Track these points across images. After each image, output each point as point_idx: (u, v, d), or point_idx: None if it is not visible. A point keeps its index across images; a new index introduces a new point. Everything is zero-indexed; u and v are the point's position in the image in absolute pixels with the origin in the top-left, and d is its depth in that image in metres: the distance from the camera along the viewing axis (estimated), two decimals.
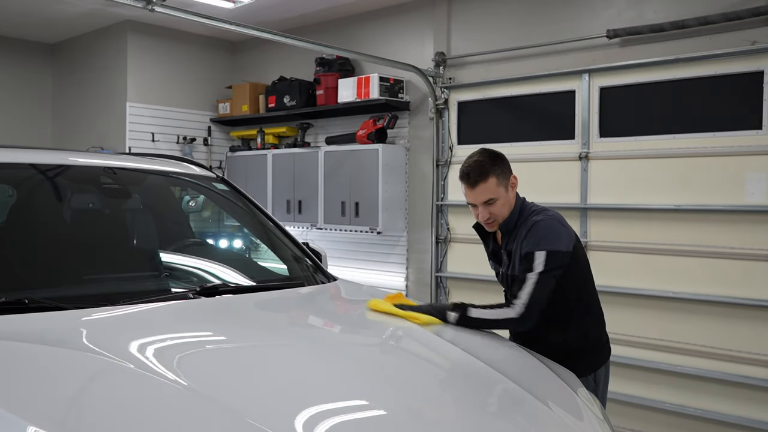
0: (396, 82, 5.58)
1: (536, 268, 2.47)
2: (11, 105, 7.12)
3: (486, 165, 2.57)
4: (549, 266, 2.47)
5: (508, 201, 2.63)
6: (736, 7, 4.02)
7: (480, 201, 2.60)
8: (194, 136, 6.87)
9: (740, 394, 4.06)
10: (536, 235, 2.52)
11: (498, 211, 2.61)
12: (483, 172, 2.56)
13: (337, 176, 5.83)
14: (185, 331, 2.09)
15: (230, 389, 1.62)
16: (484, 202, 2.59)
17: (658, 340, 4.33)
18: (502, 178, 2.59)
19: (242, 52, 7.18)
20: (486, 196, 2.58)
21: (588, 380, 2.63)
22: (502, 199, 2.60)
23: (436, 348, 2.30)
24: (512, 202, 2.65)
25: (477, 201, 2.61)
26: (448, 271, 5.48)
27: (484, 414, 1.82)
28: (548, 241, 2.51)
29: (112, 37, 6.62)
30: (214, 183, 3.20)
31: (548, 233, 2.53)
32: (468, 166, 2.60)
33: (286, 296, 2.64)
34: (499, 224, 2.66)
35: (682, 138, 4.25)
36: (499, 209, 2.61)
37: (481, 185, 2.56)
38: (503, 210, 2.62)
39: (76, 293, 2.32)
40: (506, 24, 5.12)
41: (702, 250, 4.18)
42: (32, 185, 2.71)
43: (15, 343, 1.79)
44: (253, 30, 4.38)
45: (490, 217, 2.62)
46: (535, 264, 2.47)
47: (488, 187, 2.56)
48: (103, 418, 1.45)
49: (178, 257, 2.90)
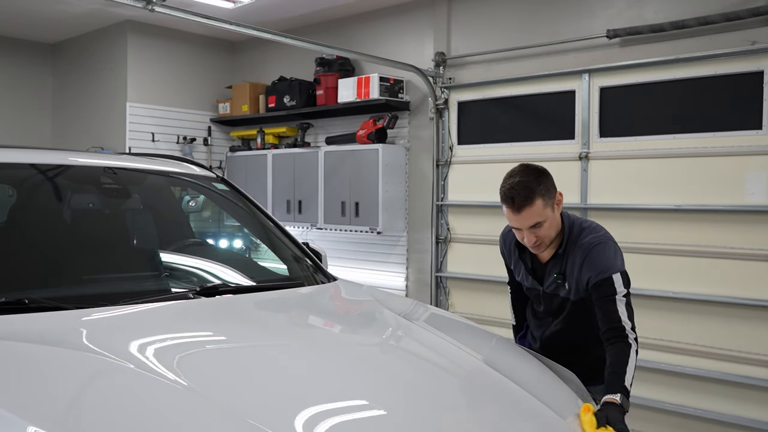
0: (396, 82, 5.58)
1: (619, 290, 2.38)
2: (11, 105, 7.12)
3: (531, 185, 2.36)
4: (626, 285, 2.41)
5: (555, 221, 2.45)
6: (736, 7, 4.02)
7: (526, 226, 2.39)
8: (194, 136, 6.87)
9: (740, 394, 4.06)
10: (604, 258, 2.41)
11: (545, 233, 2.42)
12: (528, 195, 2.34)
13: (337, 176, 5.83)
14: (185, 331, 2.08)
15: (230, 389, 1.62)
16: (530, 226, 2.39)
17: (658, 340, 4.33)
18: (548, 198, 2.39)
19: (242, 52, 7.18)
20: (533, 220, 2.37)
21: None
22: (549, 221, 2.41)
23: (437, 348, 2.30)
24: (559, 221, 2.49)
25: (523, 226, 2.40)
26: (448, 271, 5.48)
27: (484, 414, 1.82)
28: (617, 262, 2.42)
29: (112, 37, 6.62)
30: (214, 183, 3.20)
31: (614, 254, 2.44)
32: (511, 188, 2.37)
33: (286, 296, 2.64)
34: (547, 246, 2.48)
35: (682, 138, 4.25)
36: (546, 231, 2.42)
37: (527, 210, 2.35)
38: (550, 231, 2.44)
39: (76, 293, 2.32)
40: (506, 24, 5.12)
41: (702, 250, 4.18)
42: (32, 185, 2.71)
43: (15, 343, 1.79)
44: (253, 30, 4.38)
45: (536, 241, 2.43)
46: (616, 287, 2.37)
47: (535, 211, 2.35)
48: (103, 418, 1.44)
49: (178, 257, 2.90)
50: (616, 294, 2.37)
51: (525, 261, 2.63)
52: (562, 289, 2.52)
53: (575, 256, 2.46)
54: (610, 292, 2.37)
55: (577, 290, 2.48)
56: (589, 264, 2.42)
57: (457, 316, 3.01)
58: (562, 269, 2.50)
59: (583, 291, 2.47)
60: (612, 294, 2.37)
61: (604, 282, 2.38)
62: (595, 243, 2.44)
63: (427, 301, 5.43)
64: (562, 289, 2.53)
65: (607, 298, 2.37)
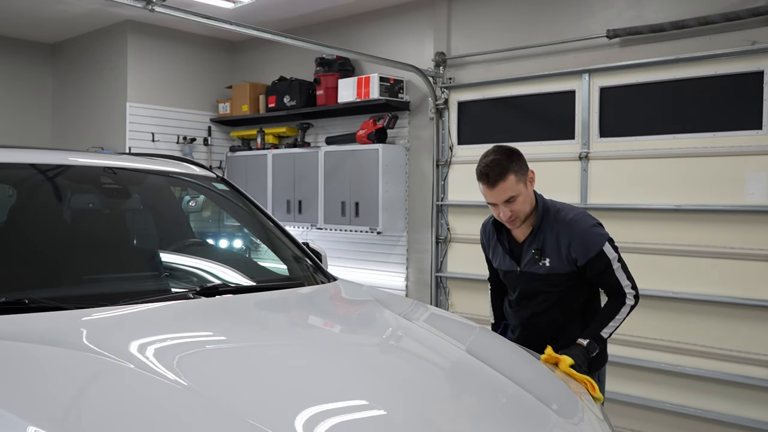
0: (396, 82, 5.58)
1: (612, 258, 2.58)
2: (11, 105, 7.12)
3: (504, 163, 2.55)
4: (615, 249, 2.61)
5: (528, 197, 2.63)
6: (736, 7, 4.02)
7: (501, 200, 2.57)
8: (194, 136, 6.87)
9: (740, 394, 4.06)
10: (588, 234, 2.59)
11: (519, 207, 2.60)
12: (502, 171, 2.54)
13: (337, 176, 5.83)
14: (185, 331, 2.08)
15: (230, 389, 1.62)
16: (505, 200, 2.57)
17: (658, 340, 4.33)
18: (521, 175, 2.58)
19: (242, 52, 7.18)
20: (506, 194, 2.56)
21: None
22: (522, 196, 2.59)
23: (436, 348, 2.30)
24: (532, 197, 2.66)
25: (498, 200, 2.58)
26: (448, 271, 5.48)
27: (483, 414, 1.82)
28: (600, 232, 2.61)
29: (112, 37, 6.62)
30: (214, 183, 3.20)
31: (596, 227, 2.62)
32: (486, 165, 2.57)
33: (286, 296, 2.64)
34: (521, 222, 2.65)
35: (682, 138, 4.25)
36: (520, 206, 2.60)
37: (500, 184, 2.54)
38: (524, 206, 2.61)
39: (76, 293, 2.32)
40: (506, 24, 5.12)
41: (702, 250, 4.18)
42: (32, 185, 2.71)
43: (15, 343, 1.79)
44: (253, 30, 4.38)
45: (511, 215, 2.60)
46: (609, 257, 2.58)
47: (508, 186, 2.55)
48: (103, 418, 1.44)
49: (178, 257, 2.89)
50: (611, 265, 2.58)
51: (502, 242, 2.78)
52: (538, 265, 2.66)
53: (556, 232, 2.62)
54: (605, 264, 2.57)
55: (560, 264, 2.62)
56: (577, 242, 2.58)
57: (457, 316, 3.00)
58: (539, 245, 2.65)
59: (567, 265, 2.62)
60: (608, 266, 2.58)
61: (597, 257, 2.57)
62: (576, 219, 2.62)
63: (427, 301, 5.43)
64: (538, 266, 2.66)
65: (605, 271, 2.58)
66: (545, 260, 2.64)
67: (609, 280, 2.60)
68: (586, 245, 2.57)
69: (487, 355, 2.21)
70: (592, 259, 2.57)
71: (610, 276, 2.59)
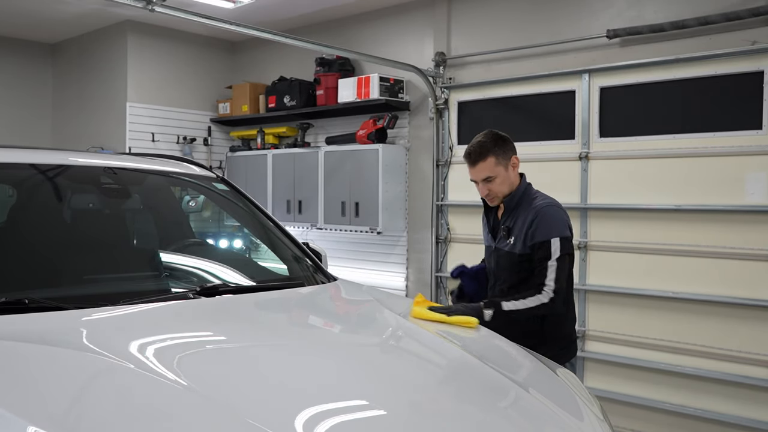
0: (396, 82, 5.58)
1: (554, 254, 2.68)
2: (11, 105, 7.12)
3: (487, 145, 2.81)
4: (564, 250, 2.70)
5: (508, 179, 2.83)
6: (736, 7, 4.02)
7: (479, 178, 2.83)
8: (194, 136, 6.87)
9: (740, 394, 4.06)
10: (547, 223, 2.72)
11: (497, 188, 2.82)
12: (483, 152, 2.79)
13: (337, 176, 5.83)
14: (185, 331, 2.09)
15: (230, 389, 1.62)
16: (483, 179, 2.82)
17: (658, 340, 4.33)
18: (502, 158, 2.80)
19: (242, 52, 7.18)
20: (484, 173, 2.80)
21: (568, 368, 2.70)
22: (501, 178, 2.81)
23: (436, 347, 2.30)
24: (513, 180, 2.85)
25: (477, 178, 2.84)
26: (448, 271, 5.47)
27: (483, 414, 1.82)
28: (558, 228, 2.73)
29: (112, 37, 6.62)
30: (214, 183, 3.20)
31: (557, 221, 2.74)
32: (471, 146, 2.85)
33: (286, 296, 2.64)
34: (500, 201, 2.86)
35: (682, 138, 4.25)
36: (497, 187, 2.82)
37: (480, 164, 2.80)
38: (502, 188, 2.83)
39: (76, 293, 2.32)
40: (506, 24, 5.12)
41: (702, 250, 4.18)
42: (32, 185, 2.71)
43: (15, 343, 1.79)
44: (253, 30, 4.38)
45: (489, 194, 2.84)
46: (552, 251, 2.68)
47: (487, 166, 2.79)
48: (103, 418, 1.45)
49: (178, 257, 2.90)
50: (549, 258, 2.68)
51: (489, 218, 3.00)
52: (505, 242, 2.84)
53: (526, 216, 2.78)
54: (545, 255, 2.70)
55: (522, 245, 2.77)
56: (537, 223, 2.74)
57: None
58: (510, 224, 2.84)
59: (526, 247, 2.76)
60: (546, 258, 2.69)
61: (542, 245, 2.71)
62: (543, 206, 2.78)
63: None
64: (504, 243, 2.85)
65: (542, 261, 2.70)
66: (511, 239, 2.82)
67: (539, 271, 2.70)
68: (541, 228, 2.72)
69: (487, 355, 2.21)
70: (539, 243, 2.71)
71: (542, 268, 2.69)
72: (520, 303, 2.66)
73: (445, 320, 2.51)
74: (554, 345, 2.80)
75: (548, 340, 2.78)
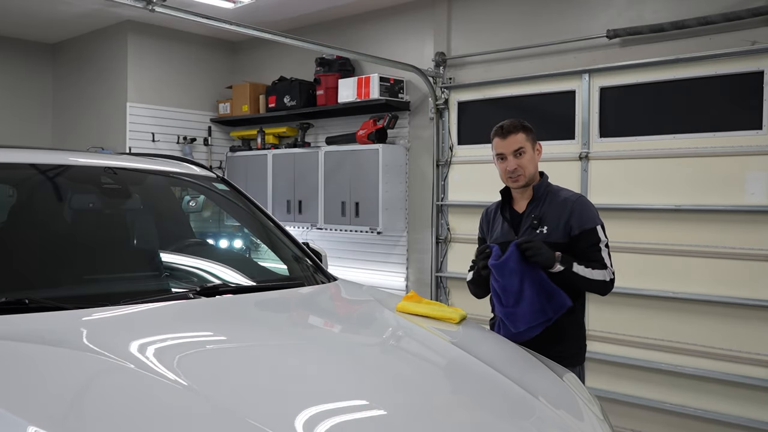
0: (396, 82, 5.58)
1: (602, 240, 2.73)
2: (11, 105, 7.12)
3: (517, 122, 2.86)
4: (607, 237, 2.76)
5: (534, 160, 2.85)
6: (736, 7, 4.02)
7: (510, 150, 2.81)
8: (194, 136, 6.87)
9: (740, 394, 4.06)
10: (589, 210, 2.77)
11: (525, 164, 2.80)
12: (515, 125, 2.84)
13: (337, 176, 5.83)
14: (185, 331, 2.09)
15: (230, 389, 1.62)
16: (513, 150, 2.80)
17: (658, 340, 4.33)
18: (531, 136, 2.85)
19: (242, 52, 7.18)
20: (516, 145, 2.80)
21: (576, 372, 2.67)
22: (529, 154, 2.82)
23: (436, 348, 2.30)
24: (537, 165, 2.87)
25: (507, 150, 2.81)
26: (448, 271, 5.48)
27: (484, 414, 1.82)
28: (598, 216, 2.79)
29: (112, 37, 6.62)
30: (214, 183, 3.20)
31: (594, 210, 2.80)
32: (502, 123, 2.88)
33: (287, 296, 2.64)
34: (524, 182, 2.82)
35: (682, 138, 4.25)
36: (527, 162, 2.81)
37: (512, 136, 2.81)
38: (530, 166, 2.82)
39: (76, 293, 2.32)
40: (506, 24, 5.12)
41: (702, 250, 4.18)
42: (32, 185, 2.71)
43: (15, 343, 1.79)
44: (253, 30, 4.38)
45: (517, 169, 2.79)
46: (600, 237, 2.73)
47: (518, 139, 2.81)
48: (103, 418, 1.45)
49: (178, 257, 2.90)
50: (600, 242, 2.73)
51: (505, 214, 2.94)
52: (535, 233, 2.79)
53: (555, 206, 2.79)
54: (595, 240, 2.73)
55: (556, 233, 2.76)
56: (578, 211, 2.75)
57: None
58: (539, 213, 2.81)
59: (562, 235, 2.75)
60: (597, 242, 2.73)
61: (591, 231, 2.74)
62: (578, 196, 2.83)
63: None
64: (535, 234, 2.79)
65: (593, 246, 2.72)
66: (543, 228, 2.78)
67: (594, 256, 2.72)
68: (585, 217, 2.75)
69: (487, 354, 2.21)
70: (586, 231, 2.73)
71: (596, 252, 2.72)
72: (588, 272, 2.66)
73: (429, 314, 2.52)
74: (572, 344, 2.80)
75: (566, 338, 2.77)
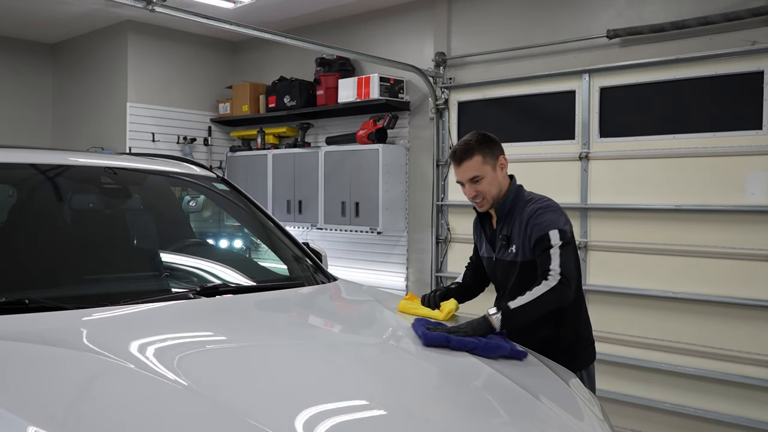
0: (396, 82, 5.58)
1: (554, 243, 2.51)
2: (11, 105, 7.12)
3: (472, 144, 2.65)
4: (564, 240, 2.52)
5: (496, 180, 2.67)
6: (736, 7, 4.02)
7: (465, 178, 2.65)
8: (194, 136, 6.87)
9: (740, 394, 4.06)
10: (542, 219, 2.57)
11: (485, 189, 2.65)
12: (468, 150, 2.64)
13: (338, 176, 5.83)
14: (185, 331, 2.09)
15: (230, 389, 1.62)
16: (469, 179, 2.65)
17: (658, 340, 4.33)
18: (489, 158, 2.65)
19: (242, 52, 7.18)
20: (471, 173, 2.64)
21: (581, 375, 2.65)
22: (489, 178, 2.64)
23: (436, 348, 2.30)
24: (502, 182, 2.69)
25: (463, 178, 2.66)
26: (448, 271, 5.48)
27: (483, 414, 1.82)
28: (554, 222, 2.56)
29: (112, 37, 6.62)
30: (214, 183, 3.20)
31: (552, 216, 2.59)
32: (456, 145, 2.70)
33: (287, 296, 2.64)
34: (489, 205, 2.70)
35: (682, 138, 4.25)
36: (485, 187, 2.65)
37: (465, 163, 2.63)
38: (490, 188, 2.66)
39: (77, 293, 2.32)
40: (506, 24, 5.12)
41: (702, 250, 4.18)
42: (32, 185, 2.71)
43: (15, 343, 1.79)
44: (253, 30, 4.38)
45: (477, 195, 2.66)
46: (552, 242, 2.51)
47: (473, 165, 2.63)
48: (103, 418, 1.45)
49: (178, 257, 2.90)
50: (551, 247, 2.50)
51: (484, 229, 2.83)
52: (507, 252, 2.69)
53: (521, 220, 2.64)
54: (546, 246, 2.52)
55: (524, 252, 2.63)
56: (531, 225, 2.59)
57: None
58: (507, 231, 2.69)
59: (529, 253, 2.61)
60: (548, 247, 2.51)
61: (542, 238, 2.54)
62: (537, 207, 2.63)
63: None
64: (507, 252, 2.69)
65: (544, 251, 2.52)
66: (512, 247, 2.66)
67: (544, 258, 2.51)
68: (538, 227, 2.57)
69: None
70: (538, 240, 2.55)
71: (545, 257, 2.50)
72: (527, 296, 2.40)
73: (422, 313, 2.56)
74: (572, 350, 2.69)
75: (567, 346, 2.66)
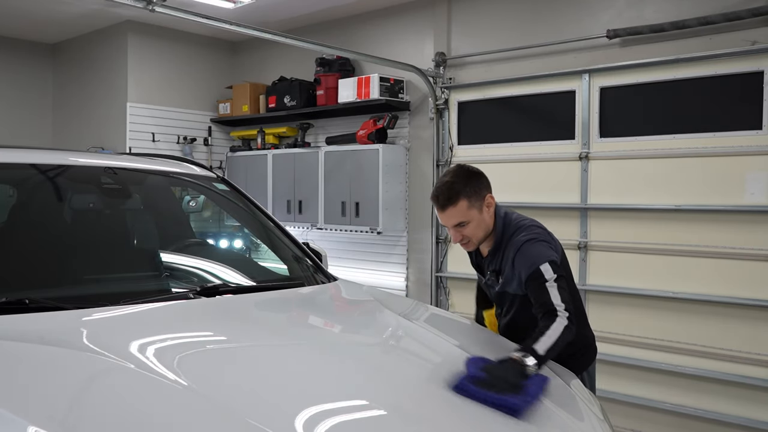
0: (396, 82, 5.58)
1: (549, 277, 2.38)
2: (12, 105, 7.12)
3: (457, 186, 2.45)
4: (557, 272, 2.41)
5: (483, 222, 2.52)
6: (736, 7, 4.02)
7: (451, 224, 2.49)
8: (194, 136, 6.87)
9: (740, 394, 4.06)
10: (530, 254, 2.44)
11: (471, 233, 2.51)
12: (452, 195, 2.44)
13: (338, 176, 5.83)
14: (185, 331, 2.09)
15: (230, 389, 1.62)
16: (454, 225, 2.48)
17: (658, 340, 4.33)
18: (475, 200, 2.47)
19: (242, 52, 7.18)
20: (456, 219, 2.47)
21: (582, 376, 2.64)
22: (475, 222, 2.49)
23: (436, 348, 2.30)
24: (488, 222, 2.54)
25: (447, 224, 2.50)
26: (448, 271, 5.48)
27: (484, 414, 1.82)
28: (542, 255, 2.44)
29: (112, 37, 6.62)
30: (214, 183, 3.20)
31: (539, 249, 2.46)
32: (438, 187, 2.49)
33: (287, 296, 2.64)
34: (476, 246, 2.59)
35: (682, 138, 4.25)
36: (472, 231, 2.51)
37: (450, 209, 2.45)
38: (477, 232, 2.52)
39: (76, 293, 2.32)
40: (506, 24, 5.12)
41: (702, 250, 4.18)
42: (32, 185, 2.71)
43: (15, 343, 1.79)
44: (253, 30, 4.38)
45: (463, 239, 2.53)
46: (546, 276, 2.39)
47: (458, 211, 2.45)
48: (103, 418, 1.45)
49: (178, 257, 2.90)
50: (546, 281, 2.37)
51: (471, 255, 2.77)
52: (496, 284, 2.60)
53: (508, 256, 2.51)
54: (541, 281, 2.38)
55: (513, 285, 2.53)
56: (518, 261, 2.46)
57: (457, 316, 3.01)
58: (496, 266, 2.58)
59: (519, 286, 2.50)
60: (543, 282, 2.37)
61: (533, 274, 2.40)
62: (523, 240, 2.48)
63: (427, 301, 5.43)
64: (496, 284, 2.60)
65: (540, 287, 2.38)
66: (500, 280, 2.57)
67: (541, 297, 2.37)
68: (526, 263, 2.43)
69: (487, 355, 2.20)
70: (531, 276, 2.41)
71: (542, 292, 2.36)
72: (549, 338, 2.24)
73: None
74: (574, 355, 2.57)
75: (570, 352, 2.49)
